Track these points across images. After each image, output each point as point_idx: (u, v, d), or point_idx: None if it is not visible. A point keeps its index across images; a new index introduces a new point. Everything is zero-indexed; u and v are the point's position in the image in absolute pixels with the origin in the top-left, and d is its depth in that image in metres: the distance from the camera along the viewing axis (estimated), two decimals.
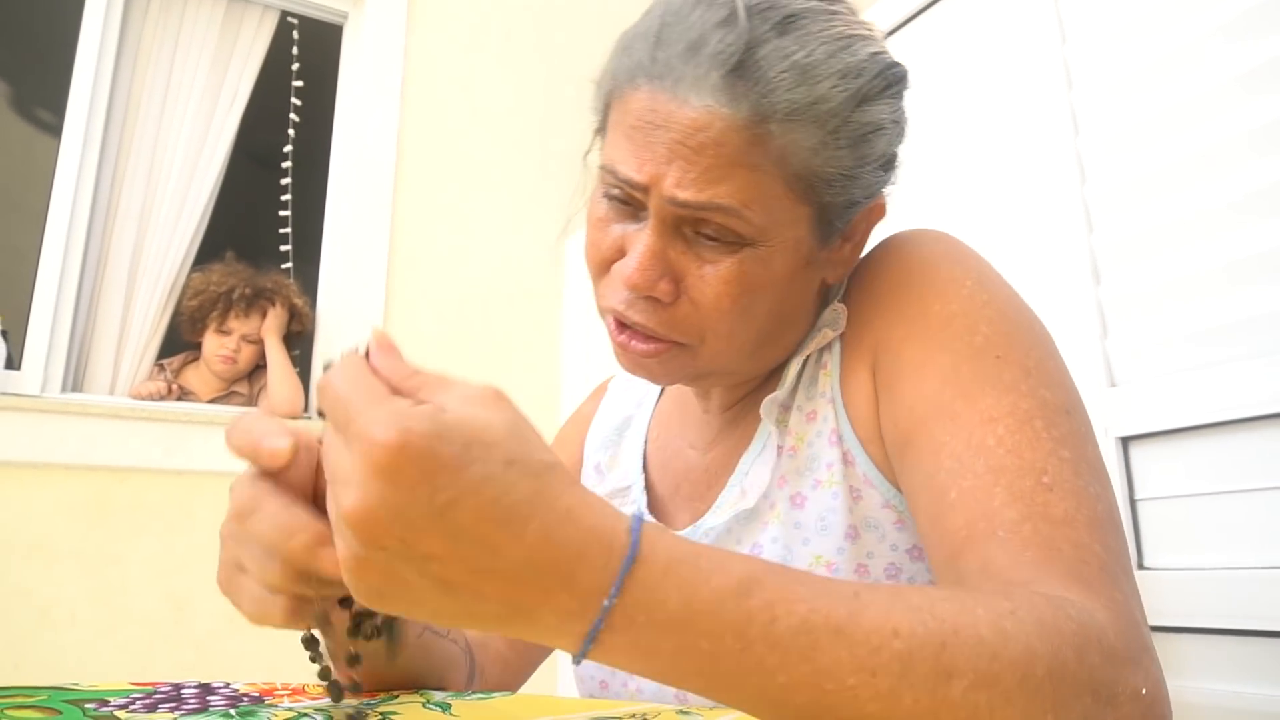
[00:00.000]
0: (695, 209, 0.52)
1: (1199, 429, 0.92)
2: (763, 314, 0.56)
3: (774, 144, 0.51)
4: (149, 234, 2.06)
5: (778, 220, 0.53)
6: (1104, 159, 1.07)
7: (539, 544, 0.32)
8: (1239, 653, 0.87)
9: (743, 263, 0.53)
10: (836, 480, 0.57)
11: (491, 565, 0.32)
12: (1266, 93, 0.91)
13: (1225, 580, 0.88)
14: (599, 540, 0.33)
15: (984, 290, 0.55)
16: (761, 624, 0.34)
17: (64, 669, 1.68)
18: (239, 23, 2.24)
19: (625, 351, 0.58)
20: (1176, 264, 0.98)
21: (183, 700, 0.48)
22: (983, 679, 0.35)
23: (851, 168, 0.54)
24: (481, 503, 0.31)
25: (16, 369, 1.84)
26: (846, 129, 0.53)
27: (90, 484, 1.79)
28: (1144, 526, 0.96)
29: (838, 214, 0.56)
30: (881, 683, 0.34)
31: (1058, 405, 0.50)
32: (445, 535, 0.31)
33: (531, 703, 0.52)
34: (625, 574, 0.33)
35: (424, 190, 2.28)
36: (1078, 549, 0.44)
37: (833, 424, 0.59)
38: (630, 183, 0.53)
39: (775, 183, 0.52)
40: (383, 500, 0.31)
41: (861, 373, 0.58)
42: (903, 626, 0.35)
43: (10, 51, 2.94)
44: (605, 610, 0.33)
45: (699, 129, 0.51)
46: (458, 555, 0.32)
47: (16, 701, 0.44)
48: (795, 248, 0.55)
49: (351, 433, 0.32)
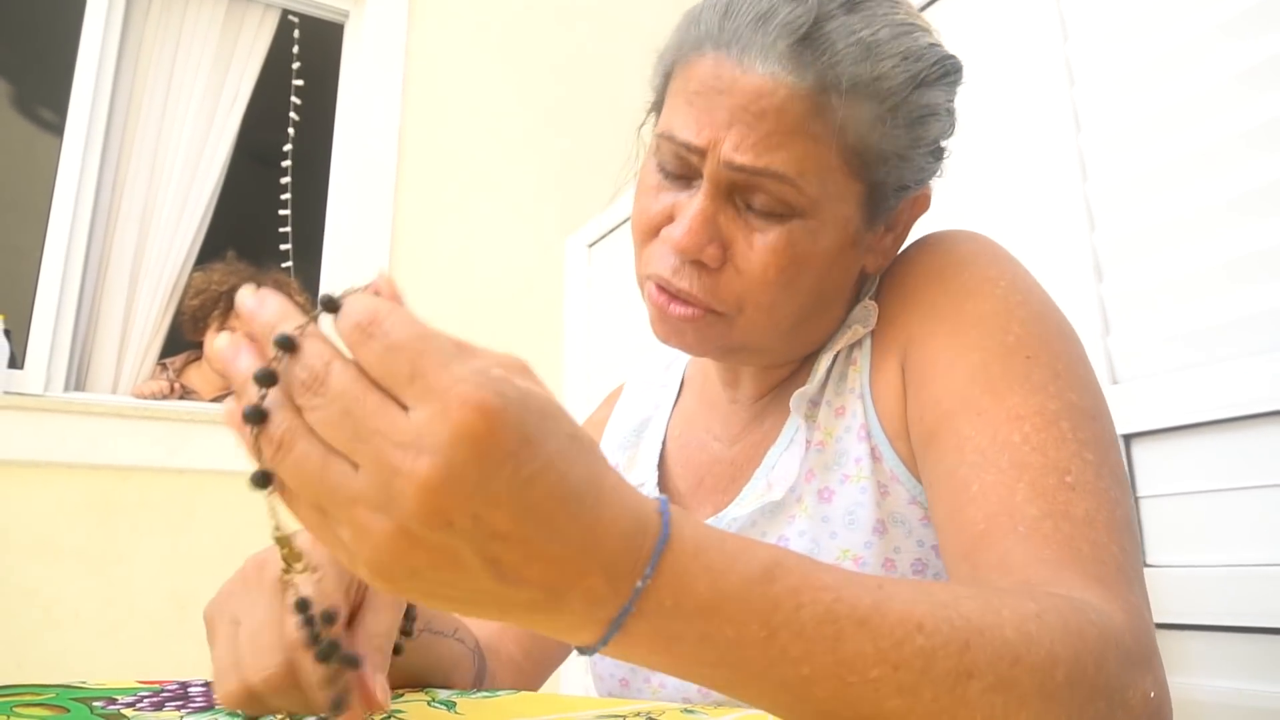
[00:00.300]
0: (751, 174, 0.52)
1: (1202, 426, 0.92)
2: (804, 290, 0.56)
3: (834, 115, 0.52)
4: (151, 233, 2.06)
5: (830, 194, 0.54)
6: (1106, 156, 1.07)
7: (592, 524, 0.30)
8: (1242, 650, 0.87)
9: (791, 233, 0.54)
10: (865, 475, 0.57)
11: (545, 546, 0.29)
12: (1269, 90, 0.91)
13: (1228, 577, 0.88)
14: (636, 521, 0.31)
15: (1018, 291, 0.55)
16: (787, 611, 0.33)
17: (67, 668, 1.68)
18: (240, 22, 2.24)
19: (663, 316, 0.57)
20: (1179, 261, 0.98)
21: (190, 698, 0.48)
22: (1002, 681, 0.35)
23: (905, 148, 0.55)
24: (553, 479, 0.29)
25: (19, 368, 1.84)
26: (904, 109, 0.54)
27: (93, 483, 1.79)
28: (1147, 524, 0.97)
29: (887, 196, 0.57)
30: (904, 677, 0.34)
31: (1084, 409, 0.50)
32: (518, 512, 0.28)
33: (537, 701, 0.53)
34: (659, 556, 0.31)
35: (425, 189, 2.28)
36: (1096, 549, 0.44)
37: (861, 419, 0.59)
38: (688, 146, 0.54)
39: (831, 155, 0.53)
40: (467, 470, 0.27)
41: (891, 369, 0.58)
42: (927, 622, 0.35)
43: (12, 51, 2.94)
44: (637, 593, 0.31)
45: (762, 95, 0.52)
46: (521, 534, 0.29)
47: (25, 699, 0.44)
48: (844, 225, 0.56)
49: (424, 388, 0.28)
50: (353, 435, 0.28)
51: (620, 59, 2.55)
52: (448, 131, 2.35)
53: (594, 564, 0.30)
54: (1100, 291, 1.04)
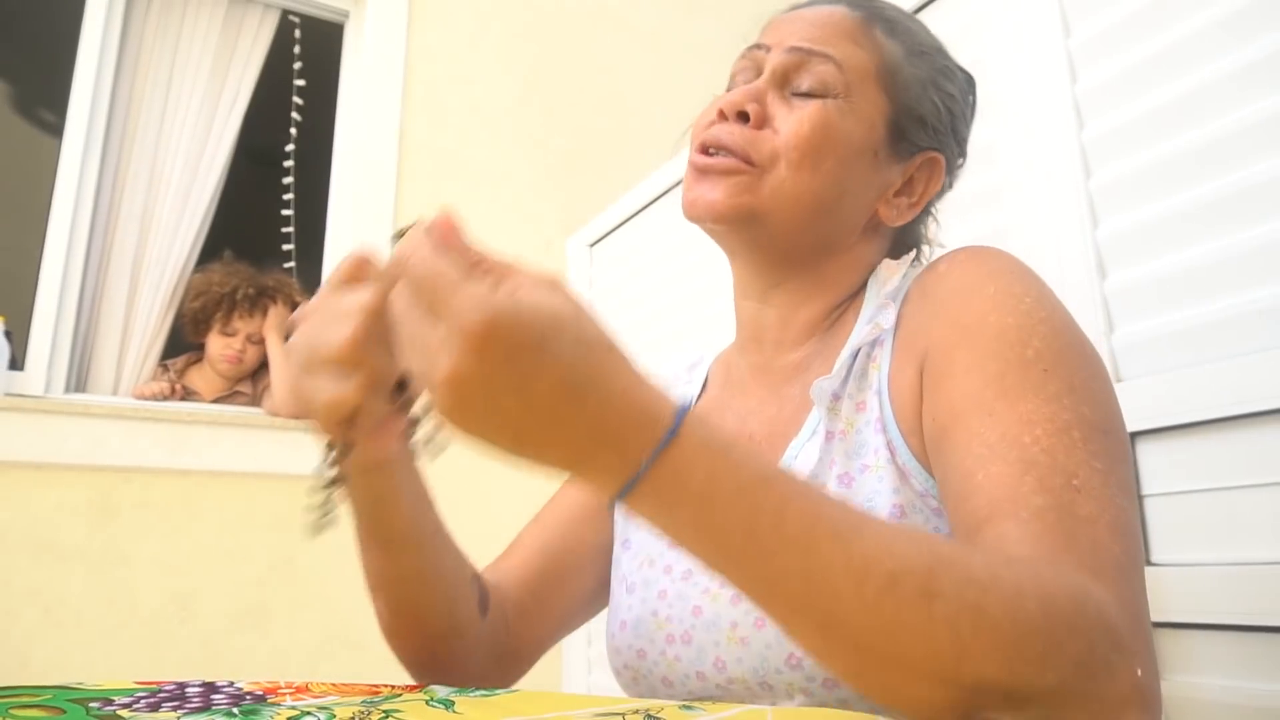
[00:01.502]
0: (805, 54, 0.65)
1: (1206, 424, 0.92)
2: (827, 171, 0.63)
3: (876, 39, 0.66)
4: (151, 234, 2.06)
5: (863, 90, 0.65)
6: (1109, 153, 1.07)
7: (597, 414, 0.38)
8: (1247, 649, 0.87)
9: (825, 107, 0.63)
10: (883, 464, 0.59)
11: (556, 430, 0.38)
12: (1274, 85, 0.91)
13: (1233, 576, 0.88)
14: (646, 416, 0.39)
15: (1041, 308, 0.56)
16: (771, 514, 0.39)
17: (69, 668, 1.68)
18: (240, 22, 2.24)
19: (698, 172, 0.65)
20: (1182, 258, 0.97)
21: (186, 699, 0.48)
22: (967, 605, 0.38)
23: (928, 82, 0.67)
24: (554, 379, 0.37)
25: (20, 369, 1.84)
26: (932, 62, 0.68)
27: (94, 484, 1.79)
28: (1151, 522, 0.96)
29: (908, 125, 0.67)
30: (867, 590, 0.38)
31: (1096, 423, 0.51)
32: (523, 404, 0.37)
33: (536, 699, 0.52)
34: (662, 448, 0.38)
35: (426, 189, 2.28)
36: (1095, 545, 0.45)
37: (878, 413, 0.60)
38: (759, 44, 0.68)
39: (870, 63, 0.65)
40: (472, 371, 0.36)
41: (909, 370, 0.60)
42: (897, 548, 0.39)
43: (12, 52, 2.94)
44: (640, 473, 0.38)
45: (823, 16, 0.67)
46: (530, 420, 0.37)
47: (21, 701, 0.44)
48: (869, 126, 0.65)
49: (443, 308, 0.37)
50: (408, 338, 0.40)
51: (621, 58, 2.55)
52: (448, 131, 2.35)
53: (604, 445, 0.38)
54: (1103, 289, 1.04)
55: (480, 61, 2.43)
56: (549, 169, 2.46)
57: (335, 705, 0.47)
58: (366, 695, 0.52)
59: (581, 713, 0.46)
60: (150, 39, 2.13)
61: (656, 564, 0.69)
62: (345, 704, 0.48)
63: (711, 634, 0.61)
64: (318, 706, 0.47)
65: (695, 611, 0.63)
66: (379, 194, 2.20)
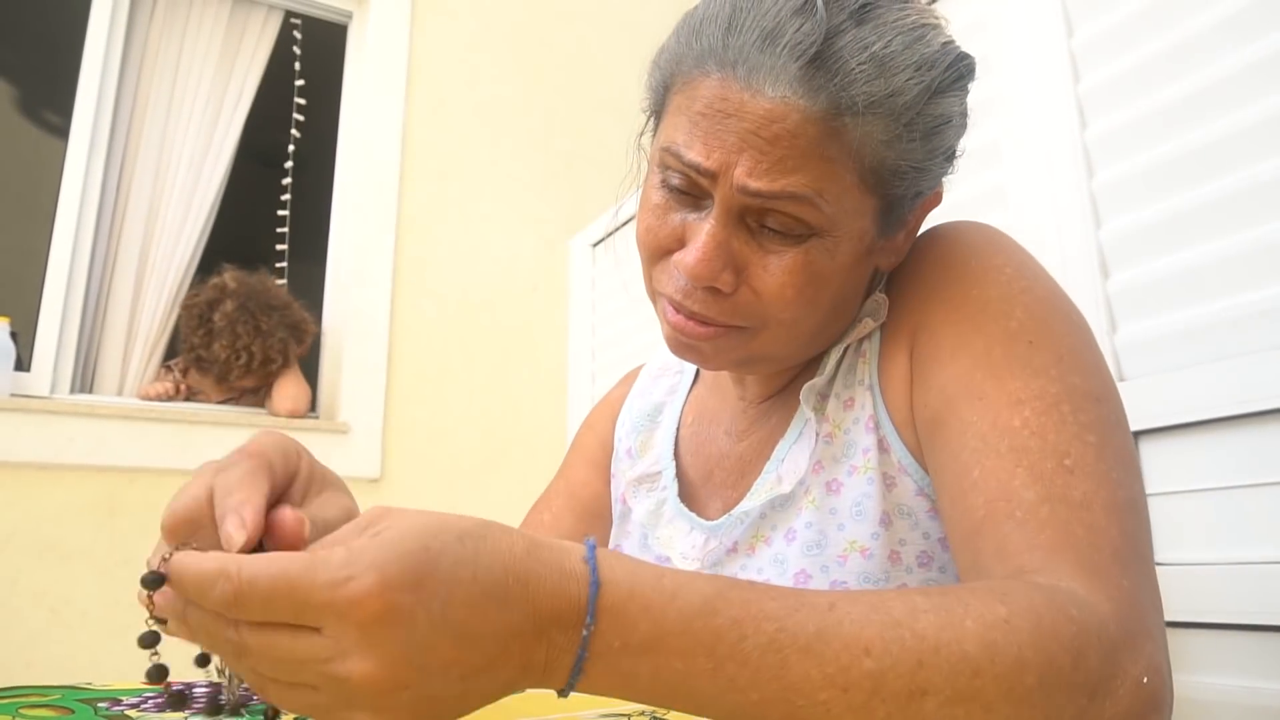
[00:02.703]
0: (767, 198, 0.51)
1: (1209, 423, 0.92)
2: (824, 305, 0.56)
3: (849, 136, 0.50)
4: (156, 235, 2.07)
5: (846, 211, 0.52)
6: (1111, 152, 1.07)
7: (522, 598, 0.33)
8: (1251, 648, 0.87)
9: (809, 253, 0.53)
10: (871, 466, 0.57)
11: (493, 644, 0.33)
12: (1277, 85, 0.91)
13: (1236, 575, 0.88)
14: (564, 573, 0.35)
15: (1022, 278, 0.55)
16: (730, 642, 0.35)
17: (75, 668, 1.69)
18: (244, 23, 2.24)
19: (680, 334, 0.57)
20: (1185, 258, 0.97)
21: (194, 699, 0.48)
22: (960, 694, 0.36)
23: (921, 160, 0.54)
24: (463, 594, 0.32)
25: (26, 370, 1.85)
26: (920, 122, 0.52)
27: (100, 484, 1.80)
28: (1154, 521, 0.96)
29: (903, 206, 0.56)
30: (854, 698, 0.35)
31: (1087, 391, 0.50)
32: (453, 636, 0.32)
33: (541, 700, 0.52)
34: (595, 599, 0.34)
35: (429, 190, 2.28)
36: (1092, 533, 0.44)
37: (870, 410, 0.59)
38: (697, 168, 0.52)
39: (848, 174, 0.51)
40: (391, 643, 0.31)
41: (899, 359, 0.58)
42: (875, 645, 0.36)
43: (17, 54, 2.95)
44: (585, 639, 0.34)
45: (774, 120, 0.50)
46: (467, 647, 0.32)
47: (30, 700, 0.44)
48: (860, 238, 0.54)
49: (314, 613, 0.31)
50: (294, 673, 0.32)
51: (622, 58, 2.55)
52: (451, 132, 2.35)
53: (543, 626, 0.34)
54: (1106, 288, 1.04)
55: (483, 62, 2.44)
56: (551, 169, 2.46)
57: None
58: None
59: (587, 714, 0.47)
60: (154, 41, 2.13)
61: None
62: None
63: None
64: None
65: None
66: (382, 195, 2.21)
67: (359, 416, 2.04)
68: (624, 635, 0.35)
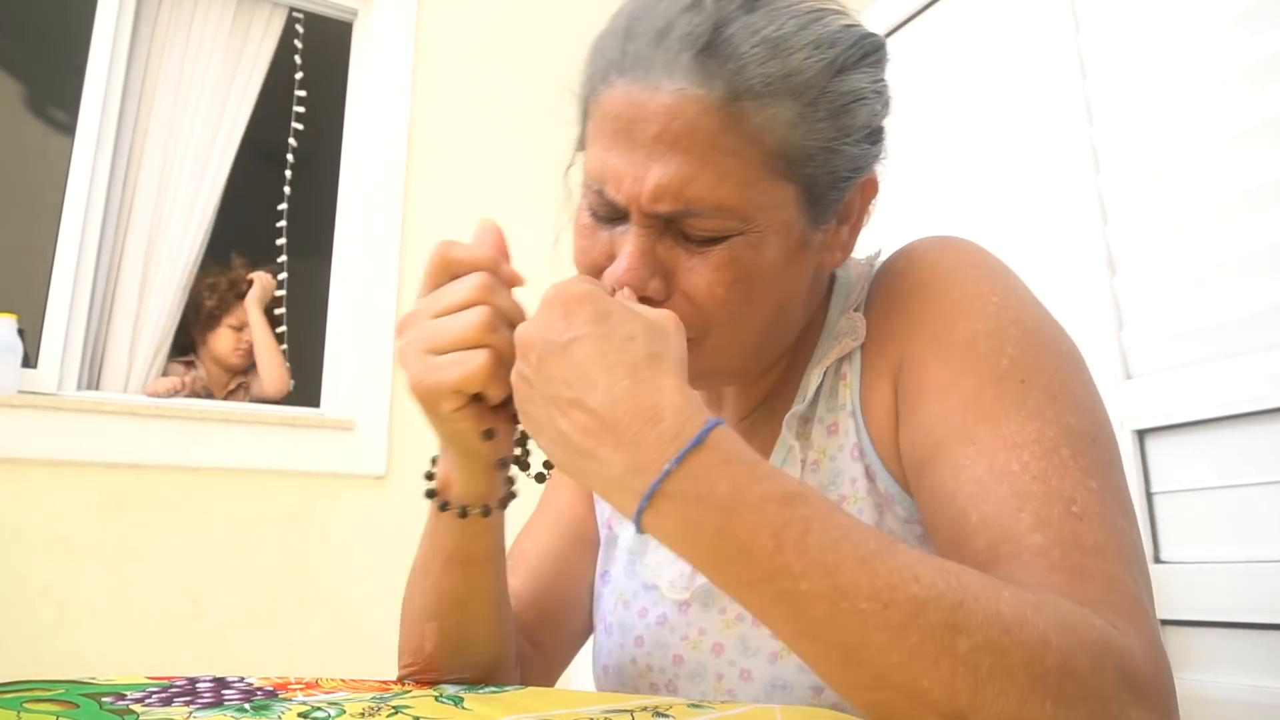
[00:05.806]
0: (675, 216, 0.52)
1: (1215, 421, 0.91)
2: (763, 303, 0.55)
3: (749, 123, 0.50)
4: (162, 231, 2.07)
5: (761, 204, 0.52)
6: (1119, 149, 1.06)
7: (623, 397, 0.41)
8: (1256, 646, 0.86)
9: (732, 249, 0.53)
10: (861, 495, 0.57)
11: (583, 396, 0.41)
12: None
13: (1241, 573, 0.87)
14: (675, 419, 0.40)
15: (1010, 308, 0.54)
16: (796, 532, 0.38)
17: (82, 664, 1.69)
18: (249, 20, 2.24)
19: None
20: (1192, 256, 0.97)
21: (198, 694, 0.48)
22: (991, 644, 0.36)
23: (833, 139, 0.53)
24: (594, 349, 0.42)
25: (33, 367, 1.86)
26: (825, 100, 0.52)
27: (107, 481, 1.80)
28: (1160, 520, 0.96)
29: (826, 191, 0.55)
30: (893, 616, 0.36)
31: (1083, 432, 0.49)
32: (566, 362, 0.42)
33: (544, 696, 0.53)
34: (688, 450, 0.39)
35: (435, 186, 2.28)
36: (1109, 579, 0.43)
37: (854, 439, 0.58)
38: (612, 202, 0.54)
39: (753, 166, 0.51)
40: (529, 327, 0.45)
41: (883, 387, 0.57)
42: (924, 575, 0.38)
43: (24, 51, 2.96)
44: (664, 474, 0.39)
45: (674, 116, 0.50)
46: (565, 379, 0.42)
47: (35, 695, 0.44)
48: (786, 230, 0.54)
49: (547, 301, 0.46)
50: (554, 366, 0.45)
51: None
52: (457, 128, 2.35)
53: (626, 435, 0.40)
54: (1113, 286, 1.04)
55: (489, 58, 2.43)
56: (558, 165, 2.46)
57: (346, 701, 0.47)
58: (377, 691, 0.52)
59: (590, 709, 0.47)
60: (160, 38, 2.13)
61: (631, 606, 0.67)
62: (356, 699, 0.48)
63: (698, 685, 0.60)
64: (328, 702, 0.47)
65: (676, 661, 0.62)
66: (388, 191, 2.21)
67: (364, 413, 2.04)
68: (700, 488, 0.39)
